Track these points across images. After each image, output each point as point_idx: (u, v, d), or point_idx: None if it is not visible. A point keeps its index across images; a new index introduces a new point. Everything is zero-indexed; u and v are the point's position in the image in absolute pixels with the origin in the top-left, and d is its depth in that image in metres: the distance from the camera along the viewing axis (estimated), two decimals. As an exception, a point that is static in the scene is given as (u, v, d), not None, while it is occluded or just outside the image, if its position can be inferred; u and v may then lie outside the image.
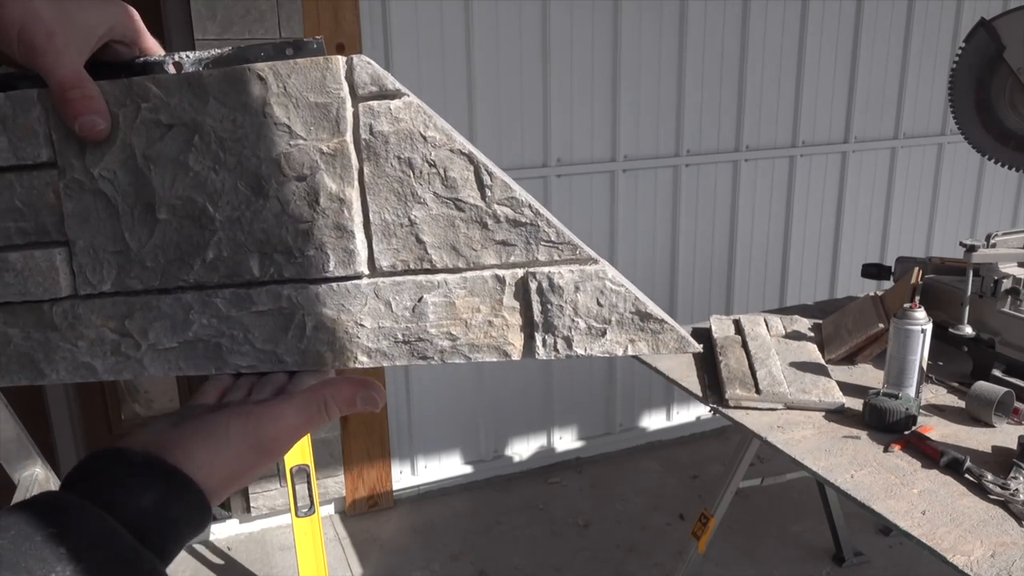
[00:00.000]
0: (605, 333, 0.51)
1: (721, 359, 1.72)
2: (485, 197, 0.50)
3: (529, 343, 0.52)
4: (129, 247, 0.51)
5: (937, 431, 1.46)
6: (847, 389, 1.61)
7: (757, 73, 2.99)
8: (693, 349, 0.51)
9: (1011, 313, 1.66)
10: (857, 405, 1.54)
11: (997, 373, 1.65)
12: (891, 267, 2.03)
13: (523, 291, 0.51)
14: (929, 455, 1.36)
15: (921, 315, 1.53)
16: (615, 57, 2.76)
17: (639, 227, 2.97)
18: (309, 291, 0.52)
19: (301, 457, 2.19)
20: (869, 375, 1.71)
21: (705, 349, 1.84)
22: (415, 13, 2.50)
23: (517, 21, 2.62)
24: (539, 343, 0.51)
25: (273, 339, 0.53)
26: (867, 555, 2.49)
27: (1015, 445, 1.35)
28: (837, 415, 1.54)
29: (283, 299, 0.52)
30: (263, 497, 2.67)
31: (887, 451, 1.40)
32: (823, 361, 1.74)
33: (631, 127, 2.85)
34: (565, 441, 3.11)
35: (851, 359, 1.78)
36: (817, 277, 3.38)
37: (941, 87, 3.20)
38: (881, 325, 1.72)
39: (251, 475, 0.49)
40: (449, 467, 2.95)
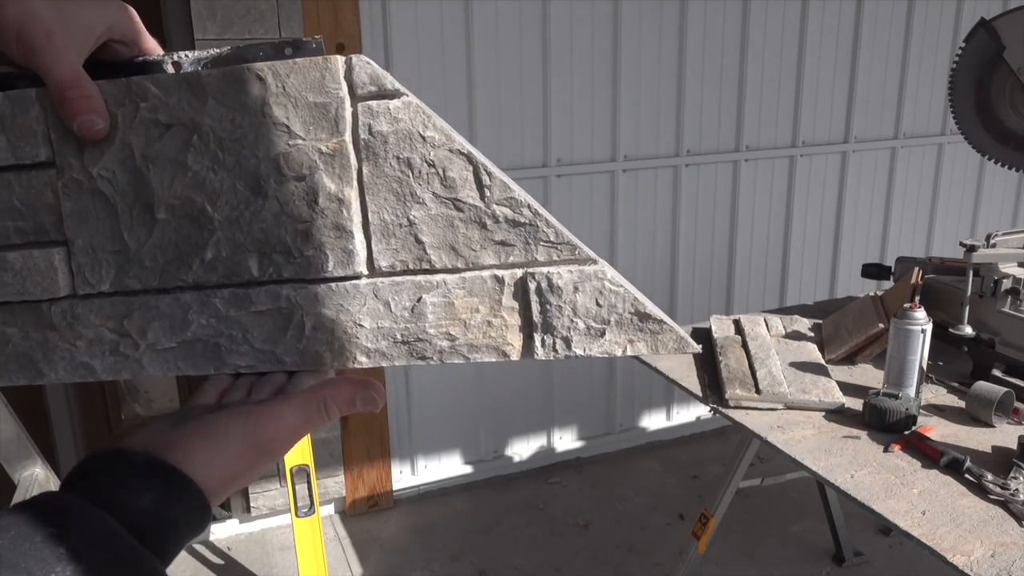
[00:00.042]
0: (604, 333, 0.51)
1: (721, 359, 1.72)
2: (484, 197, 0.50)
3: (528, 343, 0.52)
4: (128, 247, 0.51)
5: (937, 431, 1.46)
6: (847, 389, 1.61)
7: (757, 73, 2.99)
8: (692, 350, 0.51)
9: (1011, 313, 1.66)
10: (857, 405, 1.54)
11: (997, 373, 1.65)
12: (891, 267, 2.03)
13: (522, 291, 0.51)
14: (929, 455, 1.36)
15: (921, 315, 1.53)
16: (615, 57, 2.76)
17: (639, 227, 2.97)
18: (308, 291, 0.51)
19: (301, 457, 2.19)
20: (869, 375, 1.71)
21: (705, 349, 1.83)
22: (415, 13, 2.50)
23: (517, 21, 2.62)
24: (538, 343, 0.51)
25: (272, 339, 0.53)
26: (867, 555, 2.49)
27: (1015, 445, 1.35)
28: (837, 415, 1.54)
29: (282, 299, 0.52)
30: (263, 497, 2.67)
31: (887, 451, 1.40)
32: (823, 361, 1.74)
33: (631, 127, 2.85)
34: (565, 441, 3.11)
35: (851, 359, 1.78)
36: (817, 277, 3.38)
37: (941, 87, 3.19)
38: (881, 325, 1.72)
39: (251, 475, 0.49)
40: (449, 467, 2.95)
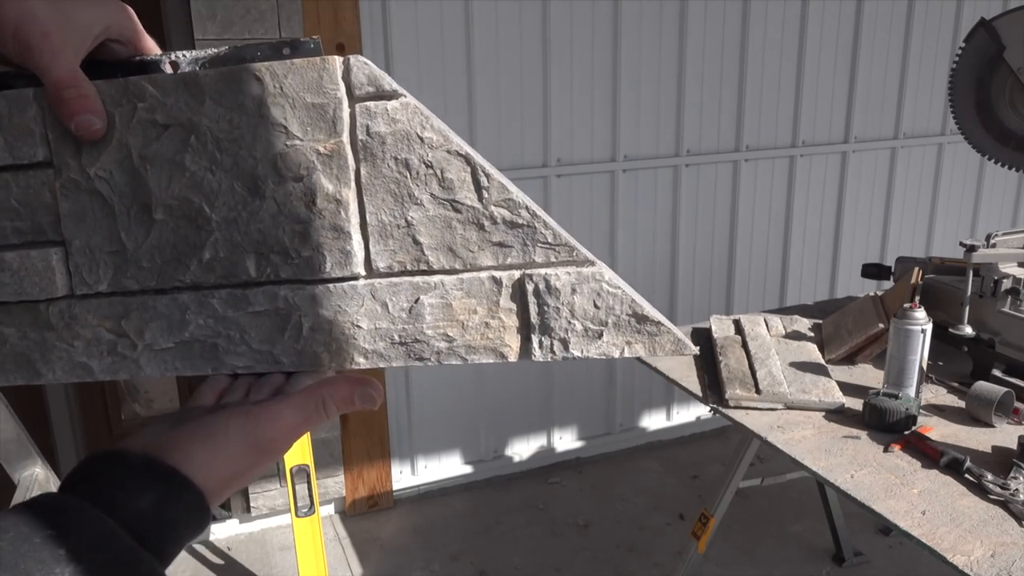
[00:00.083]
0: (602, 335, 0.51)
1: (721, 359, 1.72)
2: (482, 198, 0.50)
3: (526, 345, 0.52)
4: (125, 247, 0.51)
5: (937, 431, 1.46)
6: (847, 389, 1.61)
7: (757, 73, 2.99)
8: (689, 352, 0.50)
9: (1011, 313, 1.66)
10: (857, 405, 1.54)
11: (997, 373, 1.65)
12: (891, 267, 2.02)
13: (520, 293, 0.51)
14: (929, 455, 1.36)
15: (921, 315, 1.52)
16: (615, 57, 2.76)
17: (639, 227, 2.96)
18: (306, 292, 0.51)
19: (301, 457, 2.19)
20: (869, 375, 1.71)
21: (705, 349, 1.83)
22: (415, 13, 2.50)
23: (517, 21, 2.62)
24: (536, 345, 0.51)
25: (270, 340, 0.53)
26: (867, 555, 2.49)
27: (1015, 445, 1.35)
28: (837, 415, 1.54)
29: (280, 300, 0.52)
30: (263, 497, 2.67)
31: (887, 451, 1.40)
32: (823, 361, 1.74)
33: (631, 127, 2.85)
34: (565, 441, 3.11)
35: (851, 359, 1.78)
36: (817, 277, 3.38)
37: (941, 87, 3.19)
38: (881, 325, 1.72)
39: (250, 475, 0.49)
40: (449, 467, 2.95)
